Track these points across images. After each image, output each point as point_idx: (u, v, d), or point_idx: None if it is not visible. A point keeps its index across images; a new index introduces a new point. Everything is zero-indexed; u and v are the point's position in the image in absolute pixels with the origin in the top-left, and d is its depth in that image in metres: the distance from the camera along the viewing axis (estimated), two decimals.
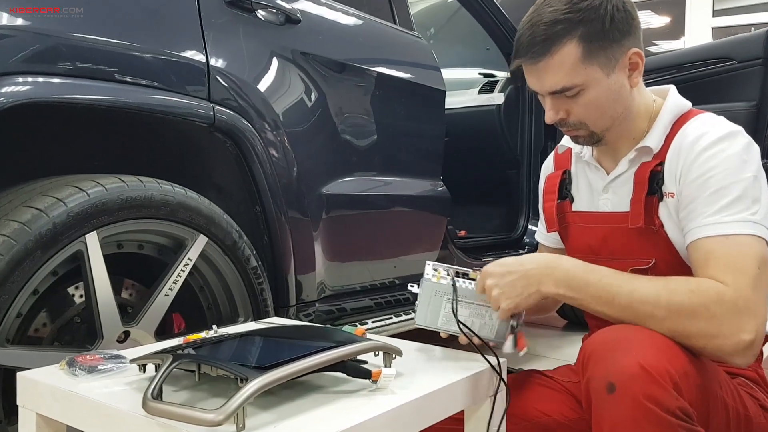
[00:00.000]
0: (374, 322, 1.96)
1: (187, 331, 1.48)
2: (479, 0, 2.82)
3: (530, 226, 3.04)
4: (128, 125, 1.47)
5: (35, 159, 1.47)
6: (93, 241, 1.24)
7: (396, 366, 1.02)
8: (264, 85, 1.63)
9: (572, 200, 1.35)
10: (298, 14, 1.74)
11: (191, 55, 1.46)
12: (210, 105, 1.47)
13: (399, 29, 2.19)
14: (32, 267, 1.16)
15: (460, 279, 1.13)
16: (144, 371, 0.97)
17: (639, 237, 1.19)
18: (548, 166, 1.45)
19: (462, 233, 2.96)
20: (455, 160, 3.05)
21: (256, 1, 1.64)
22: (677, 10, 8.10)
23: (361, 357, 1.00)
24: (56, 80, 1.25)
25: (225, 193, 1.68)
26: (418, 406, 0.92)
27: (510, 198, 3.16)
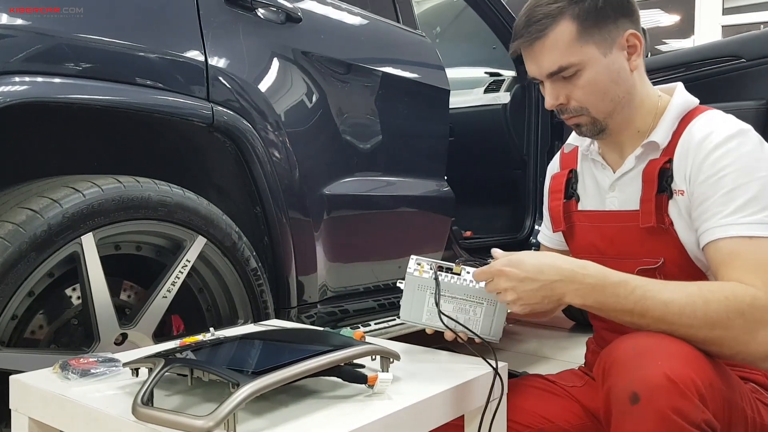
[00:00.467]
0: (377, 324, 1.94)
1: (186, 333, 1.46)
2: None
3: (537, 227, 3.02)
4: (127, 125, 1.46)
5: (34, 159, 1.46)
6: (89, 243, 1.22)
7: (395, 370, 1.00)
8: (264, 85, 1.61)
9: (578, 199, 1.33)
10: (299, 13, 1.72)
11: (190, 55, 1.45)
12: (209, 105, 1.46)
13: (402, 28, 2.17)
14: (27, 269, 1.14)
15: (443, 273, 1.10)
16: (137, 375, 0.96)
17: (648, 236, 1.17)
18: (554, 166, 1.43)
19: (468, 234, 2.94)
20: (461, 160, 3.04)
21: (256, 0, 1.62)
22: (687, 8, 8.03)
23: (360, 361, 0.98)
24: (53, 80, 1.24)
25: (225, 194, 1.66)
26: (416, 412, 0.90)
27: (516, 198, 3.14)
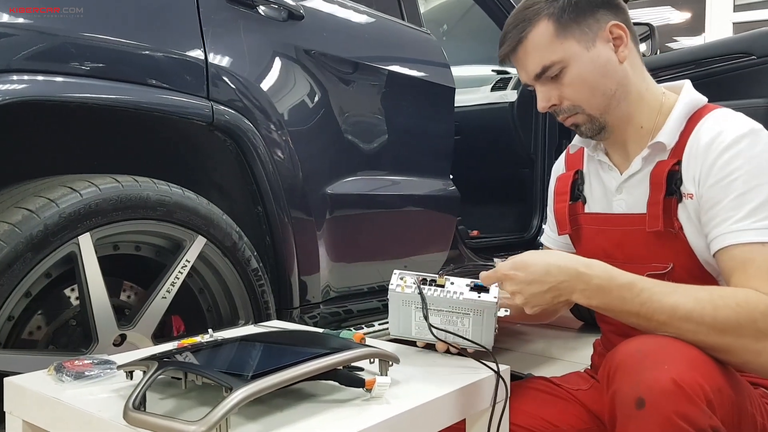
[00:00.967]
0: (381, 324, 1.92)
1: (187, 334, 1.45)
2: None
3: (544, 226, 2.98)
4: (127, 125, 1.44)
5: (34, 159, 1.45)
6: (86, 243, 1.21)
7: (395, 373, 0.98)
8: (265, 83, 1.59)
9: (585, 201, 1.30)
10: (301, 10, 1.70)
11: (189, 53, 1.43)
12: (209, 103, 1.44)
13: (407, 25, 2.15)
14: (23, 269, 1.13)
15: (426, 286, 1.08)
16: (131, 378, 0.94)
17: (656, 240, 1.14)
18: (559, 167, 1.40)
19: (474, 233, 2.92)
20: (468, 159, 3.01)
21: None
22: (698, 6, 7.97)
23: (360, 363, 0.96)
24: (51, 78, 1.23)
25: (226, 193, 1.65)
26: (414, 417, 0.88)
27: (523, 197, 3.12)
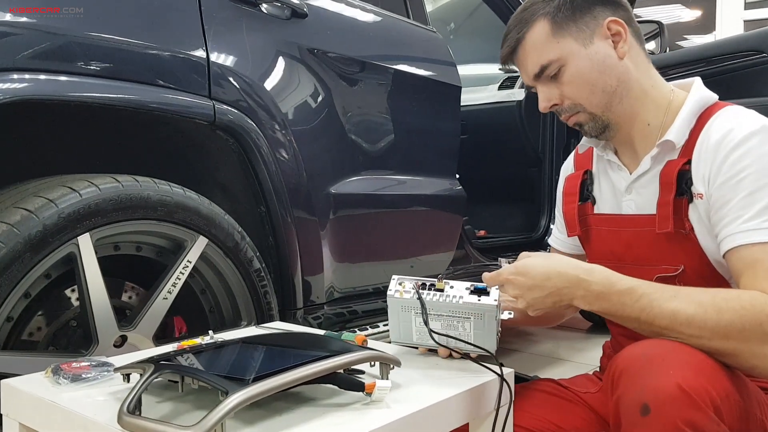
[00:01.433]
0: (386, 326, 1.90)
1: (188, 335, 1.44)
2: None
3: (552, 226, 2.96)
4: (128, 123, 1.43)
5: (36, 159, 1.44)
6: (86, 243, 1.20)
7: (396, 376, 0.96)
8: (268, 83, 1.58)
9: (594, 202, 1.28)
10: (305, 8, 1.68)
11: (190, 51, 1.41)
12: (210, 103, 1.43)
13: (412, 23, 2.13)
14: (22, 270, 1.12)
15: (425, 291, 1.06)
16: (128, 380, 0.93)
17: (667, 242, 1.11)
18: (568, 167, 1.38)
19: (482, 233, 2.90)
20: (475, 158, 2.99)
21: None
22: (708, 4, 7.91)
23: (361, 366, 0.94)
24: (52, 77, 1.21)
25: (229, 193, 1.63)
26: (415, 421, 0.86)
27: (531, 197, 3.09)
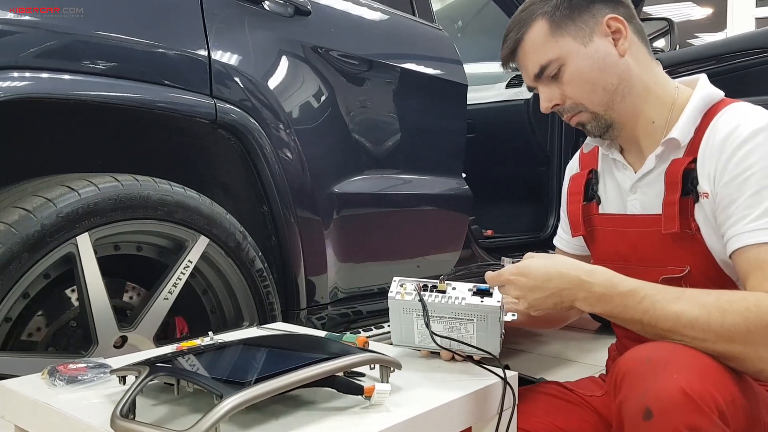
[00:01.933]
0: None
1: (190, 336, 1.43)
2: None
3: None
4: (129, 122, 1.42)
5: (37, 158, 1.43)
6: (85, 243, 1.18)
7: (396, 379, 0.95)
8: (271, 81, 1.56)
9: (599, 202, 1.26)
10: (308, 5, 1.67)
11: (192, 49, 1.40)
12: (211, 101, 1.41)
13: (418, 21, 2.11)
14: (20, 270, 1.11)
15: (427, 293, 1.04)
16: (124, 382, 0.91)
17: (672, 242, 1.09)
18: (573, 166, 1.36)
19: (489, 233, 2.87)
20: (482, 157, 2.97)
21: None
22: (719, 1, 7.85)
23: (362, 369, 0.92)
24: (52, 76, 1.20)
25: (231, 193, 1.62)
26: (415, 425, 0.84)
27: (539, 196, 3.07)
